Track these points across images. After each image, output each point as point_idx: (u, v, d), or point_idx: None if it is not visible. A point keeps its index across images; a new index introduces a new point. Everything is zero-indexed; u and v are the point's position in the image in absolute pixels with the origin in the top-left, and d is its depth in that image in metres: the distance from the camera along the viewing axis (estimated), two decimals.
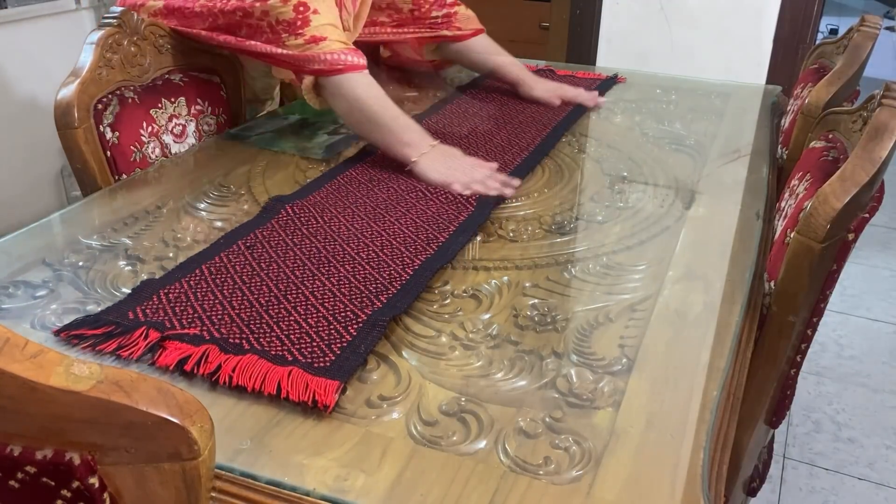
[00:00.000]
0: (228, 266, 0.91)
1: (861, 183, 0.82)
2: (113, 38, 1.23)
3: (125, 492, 0.46)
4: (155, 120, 1.31)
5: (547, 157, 1.30)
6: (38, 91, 2.34)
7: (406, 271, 0.91)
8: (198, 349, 0.75)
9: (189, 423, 0.43)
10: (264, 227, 1.01)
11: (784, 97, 1.69)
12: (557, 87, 1.60)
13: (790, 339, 0.93)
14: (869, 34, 1.31)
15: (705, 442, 0.67)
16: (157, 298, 0.84)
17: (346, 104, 1.25)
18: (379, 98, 1.24)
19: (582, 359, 0.77)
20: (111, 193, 1.16)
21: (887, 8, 5.31)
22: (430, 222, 1.04)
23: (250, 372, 0.72)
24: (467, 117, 1.47)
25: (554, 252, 0.98)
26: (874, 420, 1.86)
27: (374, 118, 1.23)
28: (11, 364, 0.40)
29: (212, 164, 1.25)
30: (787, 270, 0.87)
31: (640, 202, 1.14)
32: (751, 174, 1.26)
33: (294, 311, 0.83)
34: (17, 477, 0.44)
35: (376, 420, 0.68)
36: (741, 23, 2.29)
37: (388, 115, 1.23)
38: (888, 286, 2.47)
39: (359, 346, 0.76)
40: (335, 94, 1.25)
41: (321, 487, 0.61)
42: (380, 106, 1.23)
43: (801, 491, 1.65)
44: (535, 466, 0.63)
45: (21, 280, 0.89)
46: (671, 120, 1.50)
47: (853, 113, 1.00)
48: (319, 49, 1.21)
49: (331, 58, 1.21)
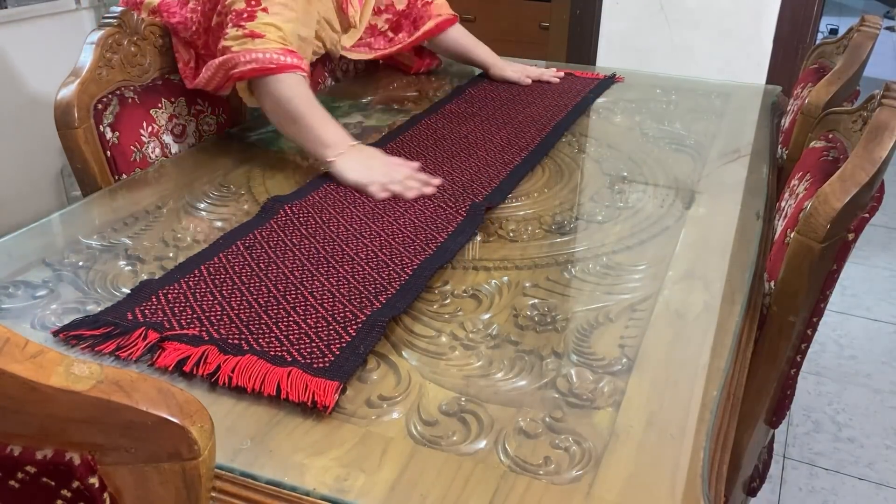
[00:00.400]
0: (227, 266, 0.91)
1: (861, 183, 0.82)
2: (113, 38, 1.23)
3: (125, 492, 0.46)
4: (155, 120, 1.31)
5: (547, 157, 1.30)
6: (38, 91, 2.34)
7: (405, 272, 0.91)
8: (197, 350, 0.75)
9: (189, 423, 0.43)
10: (263, 228, 1.01)
11: (784, 97, 1.69)
12: (524, 68, 1.74)
13: (790, 339, 0.93)
14: (869, 34, 1.31)
15: (705, 442, 0.67)
16: (155, 299, 0.84)
17: (271, 102, 1.22)
18: (303, 97, 1.21)
19: (582, 359, 0.77)
20: (111, 193, 1.16)
21: (887, 8, 5.31)
22: (429, 223, 1.04)
23: (250, 372, 0.72)
24: (467, 117, 1.47)
25: (554, 252, 0.98)
26: (874, 420, 1.86)
27: (295, 117, 1.20)
28: (11, 364, 0.40)
29: (212, 164, 1.25)
30: (787, 270, 0.87)
31: (640, 202, 1.14)
32: (751, 174, 1.26)
33: (293, 311, 0.83)
34: (17, 477, 0.44)
35: (376, 420, 0.68)
36: (741, 23, 2.29)
37: (309, 114, 1.20)
38: (888, 286, 2.47)
39: (358, 347, 0.76)
40: (261, 93, 1.22)
41: (321, 487, 0.61)
42: (303, 105, 1.20)
43: (801, 491, 1.65)
44: (535, 466, 0.63)
45: (21, 280, 0.89)
46: (671, 120, 1.50)
47: (853, 113, 1.00)
48: (254, 46, 1.18)
49: (263, 56, 1.18)
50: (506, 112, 1.51)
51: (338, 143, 1.19)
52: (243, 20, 1.20)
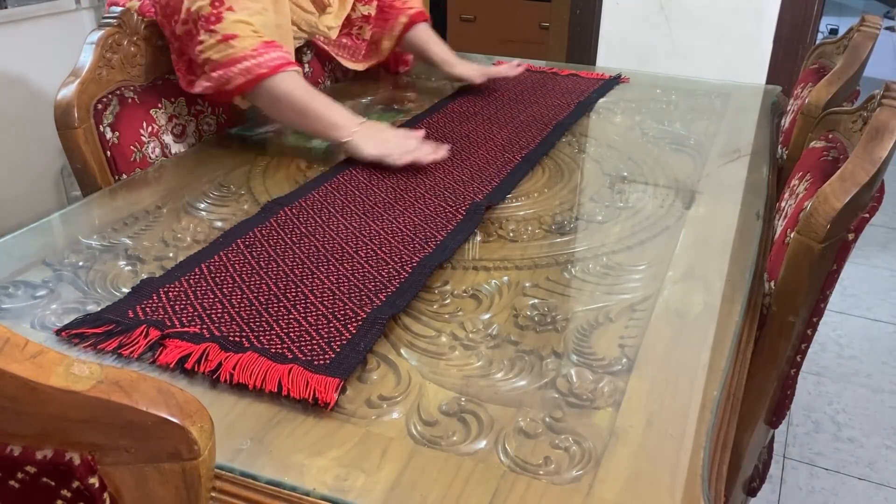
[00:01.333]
0: (228, 265, 0.92)
1: (861, 183, 0.82)
2: (113, 38, 1.23)
3: (125, 492, 0.46)
4: (155, 120, 1.31)
5: (547, 157, 1.30)
6: (38, 91, 2.34)
7: (405, 269, 0.91)
8: (198, 347, 0.75)
9: (189, 423, 0.43)
10: (263, 226, 1.01)
11: (784, 97, 1.69)
12: (481, 68, 1.68)
13: (790, 339, 0.93)
14: (869, 34, 1.31)
15: (705, 442, 0.67)
16: (156, 297, 0.84)
17: (269, 102, 1.24)
18: (301, 89, 1.23)
19: (582, 359, 0.77)
20: (111, 193, 1.16)
21: (887, 8, 5.31)
22: (429, 220, 1.04)
23: (251, 370, 0.72)
24: (467, 117, 1.47)
25: (554, 252, 0.98)
26: (874, 420, 1.86)
27: (300, 110, 1.23)
28: (11, 364, 0.40)
29: (212, 164, 1.25)
30: (787, 270, 0.87)
31: (640, 202, 1.14)
32: (751, 174, 1.26)
33: (293, 309, 0.83)
34: (17, 477, 0.44)
35: (376, 420, 0.68)
36: (741, 23, 2.29)
37: (312, 103, 1.23)
38: (888, 286, 2.47)
39: (358, 344, 0.77)
40: (257, 96, 1.24)
41: (321, 487, 0.61)
42: (305, 96, 1.23)
43: (801, 491, 1.65)
44: (535, 466, 0.63)
45: (21, 280, 0.89)
46: (671, 120, 1.50)
47: (853, 113, 1.00)
48: (233, 50, 1.19)
49: (251, 64, 1.19)
50: (507, 112, 1.51)
51: (348, 123, 1.24)
52: (212, 24, 1.20)
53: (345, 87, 1.73)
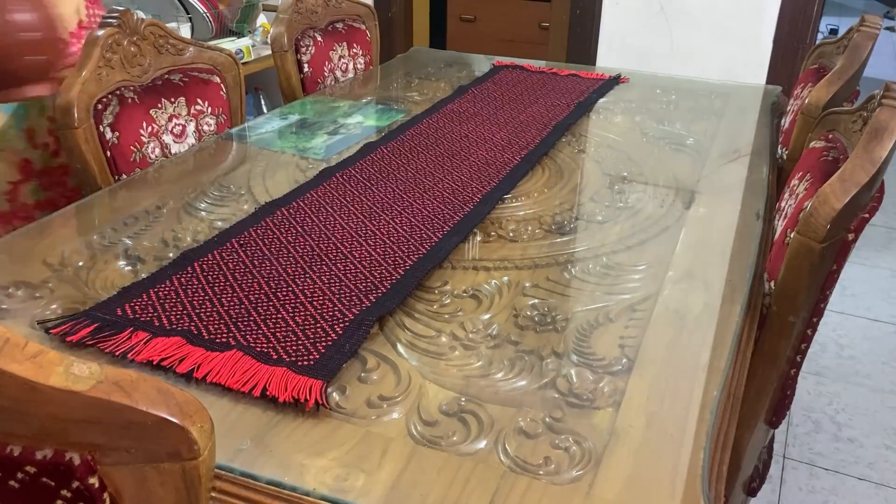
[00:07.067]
0: (220, 264, 0.92)
1: (861, 183, 0.82)
2: (113, 38, 1.23)
3: (125, 492, 0.46)
4: (155, 120, 1.31)
5: (547, 157, 1.30)
6: None
7: (397, 271, 0.91)
8: (182, 347, 0.75)
9: (189, 423, 0.43)
10: (258, 226, 1.01)
11: (784, 97, 1.69)
12: None
13: (790, 339, 0.92)
14: (869, 34, 1.31)
15: (705, 442, 0.67)
16: (146, 296, 0.84)
17: None
18: None
19: (582, 359, 0.77)
20: (111, 193, 1.16)
21: (887, 8, 5.31)
22: (426, 222, 1.04)
23: (233, 370, 0.72)
24: (467, 117, 1.47)
25: (554, 252, 0.98)
26: (874, 420, 1.86)
27: None
28: (11, 364, 0.40)
29: (212, 164, 1.25)
30: (787, 270, 0.87)
31: (640, 202, 1.14)
32: (751, 174, 1.26)
33: (282, 309, 0.83)
34: (17, 477, 0.44)
35: (376, 420, 0.68)
36: (741, 23, 2.29)
37: None
38: (888, 286, 2.46)
39: (343, 346, 0.77)
40: None
41: (321, 487, 0.61)
42: None
43: (801, 491, 1.65)
44: (535, 466, 0.63)
45: (21, 280, 0.89)
46: (671, 120, 1.50)
47: (853, 113, 1.00)
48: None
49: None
50: (506, 112, 1.51)
51: None
52: None
53: (345, 87, 1.73)
